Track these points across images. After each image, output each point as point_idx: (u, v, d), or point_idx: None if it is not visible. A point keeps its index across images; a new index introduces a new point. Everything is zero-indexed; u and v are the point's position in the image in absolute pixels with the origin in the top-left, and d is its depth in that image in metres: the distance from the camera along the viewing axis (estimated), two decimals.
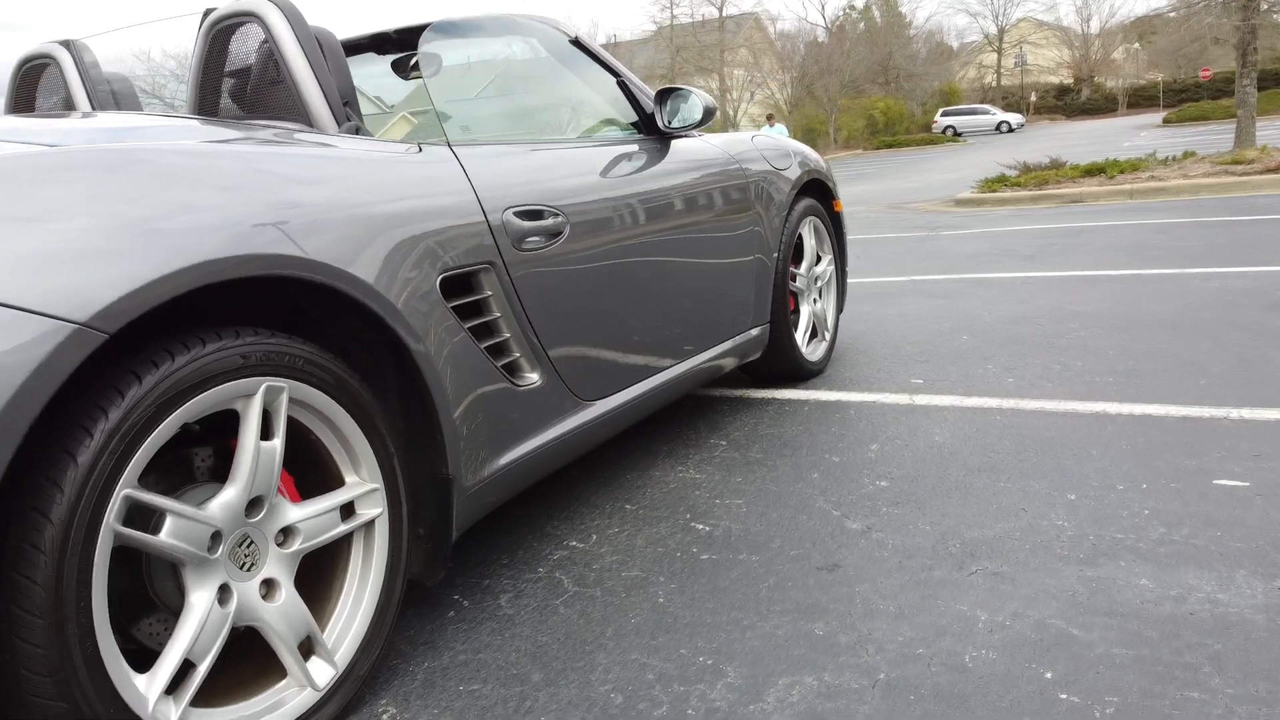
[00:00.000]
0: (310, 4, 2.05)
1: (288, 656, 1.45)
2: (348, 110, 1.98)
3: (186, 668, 1.32)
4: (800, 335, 3.40)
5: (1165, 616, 1.65)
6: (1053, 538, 2.00)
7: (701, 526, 2.22)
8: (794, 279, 3.36)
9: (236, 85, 2.02)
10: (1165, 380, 3.07)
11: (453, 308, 1.77)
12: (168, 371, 1.27)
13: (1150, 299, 4.42)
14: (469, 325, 1.82)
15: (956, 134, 41.20)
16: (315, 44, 1.95)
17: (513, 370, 1.97)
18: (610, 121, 2.77)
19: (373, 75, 2.88)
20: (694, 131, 2.86)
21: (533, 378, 2.02)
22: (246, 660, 1.47)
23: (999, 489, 2.29)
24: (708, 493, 2.43)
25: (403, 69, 2.77)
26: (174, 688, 1.31)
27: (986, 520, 2.12)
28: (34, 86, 2.37)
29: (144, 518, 1.29)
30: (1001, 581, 1.83)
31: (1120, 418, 2.73)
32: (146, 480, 1.30)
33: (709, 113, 2.61)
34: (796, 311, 3.43)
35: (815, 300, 3.53)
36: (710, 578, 1.96)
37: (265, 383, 1.40)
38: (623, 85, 2.66)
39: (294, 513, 1.48)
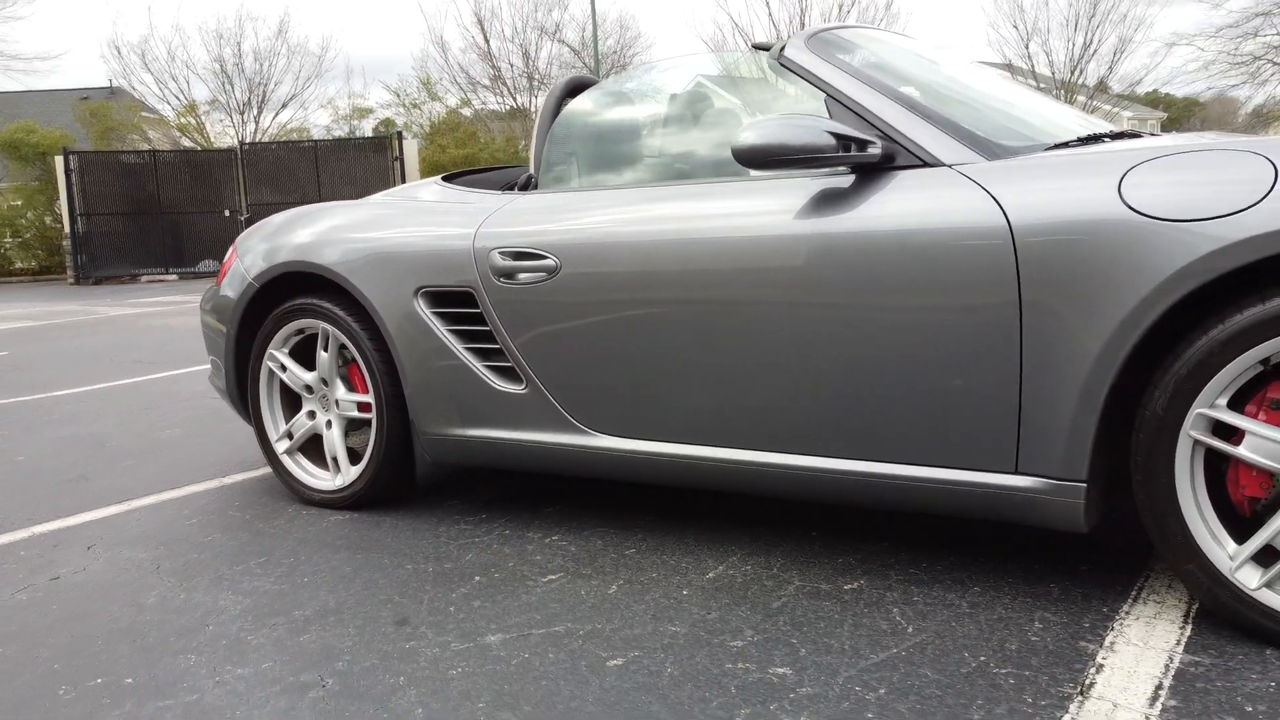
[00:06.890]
0: None
1: (330, 459, 2.90)
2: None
3: None
4: (1260, 542, 1.71)
5: None
6: None
7: None
8: None
9: None
10: None
11: (434, 311, 2.58)
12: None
13: None
14: (450, 328, 2.57)
15: None
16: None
17: (501, 374, 2.53)
18: None
19: None
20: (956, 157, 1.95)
21: (517, 387, 2.51)
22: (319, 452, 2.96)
23: None
24: None
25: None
26: None
27: None
28: None
29: None
30: None
31: None
32: None
33: (737, 154, 1.99)
34: None
35: None
36: None
37: (321, 324, 2.81)
38: (831, 105, 2.13)
39: (340, 395, 2.85)
